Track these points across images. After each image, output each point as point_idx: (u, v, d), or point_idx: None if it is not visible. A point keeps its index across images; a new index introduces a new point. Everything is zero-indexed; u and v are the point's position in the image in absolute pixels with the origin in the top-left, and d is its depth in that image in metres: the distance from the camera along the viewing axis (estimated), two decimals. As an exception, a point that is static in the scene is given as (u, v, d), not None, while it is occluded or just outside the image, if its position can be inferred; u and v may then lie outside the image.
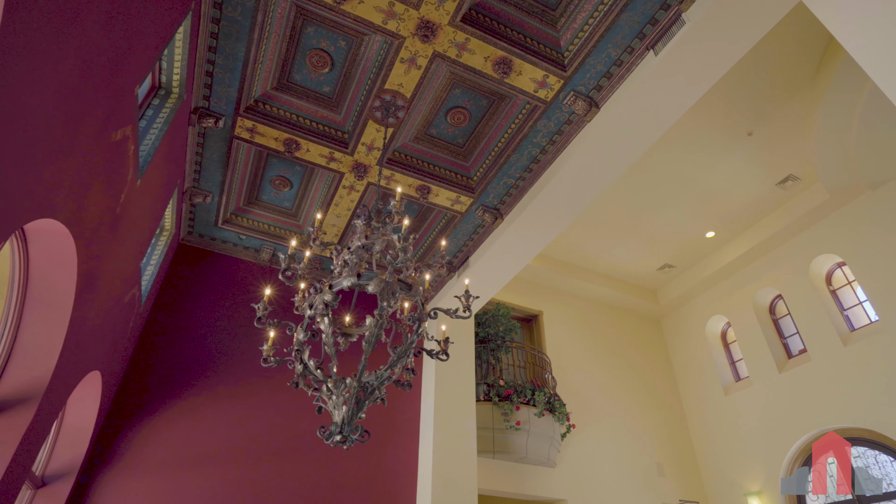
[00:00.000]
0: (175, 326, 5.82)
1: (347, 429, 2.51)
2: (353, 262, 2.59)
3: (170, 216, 5.63)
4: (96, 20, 2.16)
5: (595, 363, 9.21)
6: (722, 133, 6.97)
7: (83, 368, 3.82)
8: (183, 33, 3.75)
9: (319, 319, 2.60)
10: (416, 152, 5.16)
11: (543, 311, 9.32)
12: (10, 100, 1.68)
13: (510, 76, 4.35)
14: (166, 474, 5.08)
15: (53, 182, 2.27)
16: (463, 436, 6.02)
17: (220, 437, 5.39)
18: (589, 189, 5.13)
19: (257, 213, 6.06)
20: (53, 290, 2.94)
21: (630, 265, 9.65)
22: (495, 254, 5.88)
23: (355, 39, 4.19)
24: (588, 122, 4.62)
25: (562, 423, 7.36)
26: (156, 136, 3.97)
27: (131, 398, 5.28)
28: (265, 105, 4.72)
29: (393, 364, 2.65)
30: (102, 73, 2.45)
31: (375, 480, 5.73)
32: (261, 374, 5.76)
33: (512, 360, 8.22)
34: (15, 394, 2.98)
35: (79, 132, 2.38)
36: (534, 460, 7.08)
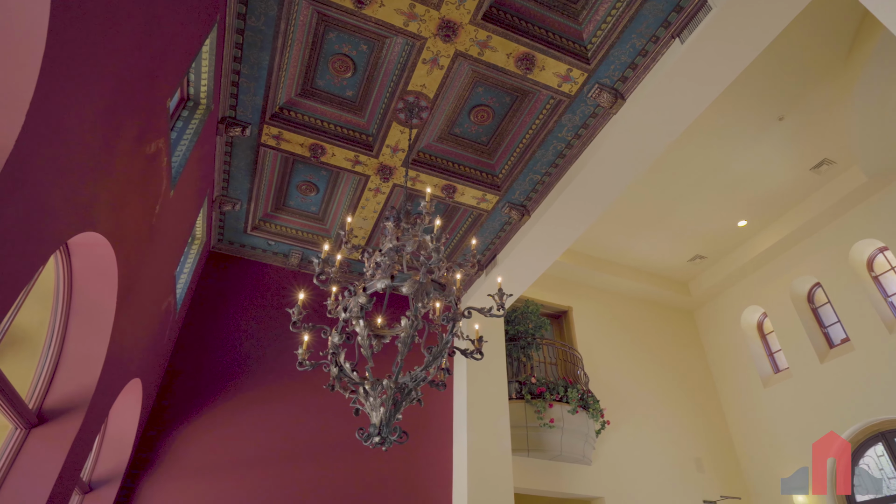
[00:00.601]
0: (209, 333, 5.94)
1: (386, 430, 2.52)
2: (385, 263, 2.60)
3: (201, 225, 5.74)
4: (130, 38, 2.21)
5: (627, 358, 9.08)
6: (751, 119, 6.79)
7: (125, 376, 3.92)
8: (209, 45, 3.81)
9: (355, 322, 2.62)
10: (440, 152, 5.16)
11: (573, 306, 9.23)
12: (54, 119, 1.72)
13: (533, 72, 4.32)
14: (206, 478, 5.18)
15: (94, 196, 2.33)
16: (497, 434, 5.99)
17: (256, 440, 5.48)
18: (616, 182, 5.05)
19: (285, 219, 6.14)
20: (96, 301, 3.02)
21: (660, 257, 9.49)
22: (523, 251, 5.84)
23: (377, 42, 4.21)
24: (614, 114, 4.55)
25: (596, 419, 7.28)
26: (186, 147, 4.05)
27: (170, 404, 5.40)
28: (290, 112, 4.78)
29: (428, 364, 2.65)
30: (136, 89, 2.51)
31: (410, 480, 5.75)
32: (294, 377, 5.83)
33: (543, 357, 8.15)
34: (63, 403, 3.07)
35: (116, 147, 2.44)
36: (569, 458, 7.01)
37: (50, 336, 3.03)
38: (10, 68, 1.54)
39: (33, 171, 1.70)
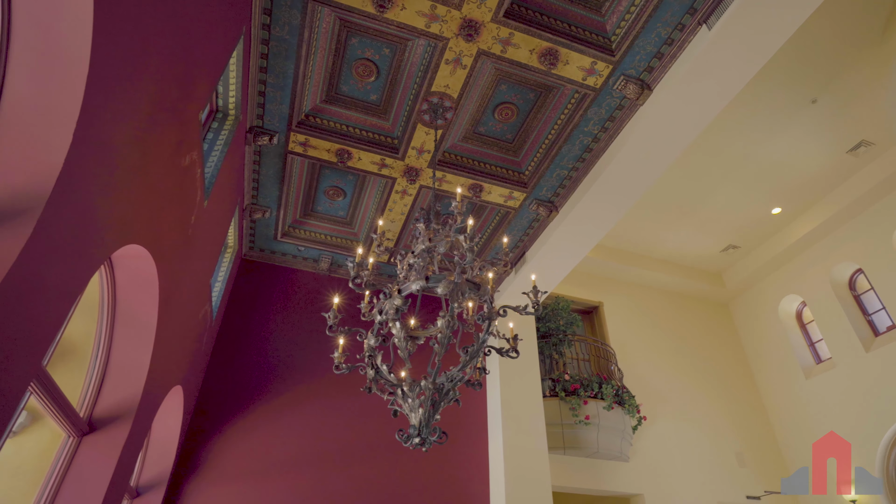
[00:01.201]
0: (244, 339, 6.05)
1: (426, 431, 2.53)
2: (419, 265, 2.61)
3: (232, 233, 5.86)
4: (164, 56, 2.27)
5: (662, 352, 8.93)
6: (782, 103, 6.61)
7: (168, 384, 4.02)
8: (236, 57, 3.89)
9: (391, 324, 2.64)
10: (466, 151, 5.16)
11: (604, 302, 9.12)
12: (98, 136, 1.78)
13: (557, 67, 4.28)
14: (246, 481, 5.28)
15: (135, 209, 2.40)
16: (532, 433, 5.96)
17: (293, 443, 5.56)
18: (646, 174, 4.98)
19: (314, 224, 6.22)
20: (139, 311, 3.10)
21: (691, 249, 9.31)
22: (552, 247, 5.80)
23: (399, 46, 4.23)
24: (641, 105, 4.49)
25: (632, 415, 7.18)
26: (217, 158, 4.13)
27: (210, 410, 5.52)
28: (316, 118, 4.84)
29: (465, 364, 2.65)
30: (171, 104, 2.58)
31: (447, 480, 5.76)
32: (329, 380, 5.90)
33: (575, 353, 8.08)
34: (111, 411, 3.17)
35: (154, 160, 2.51)
36: (606, 455, 6.93)
37: (97, 346, 3.13)
38: (58, 90, 1.59)
39: (81, 187, 1.76)
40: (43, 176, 1.57)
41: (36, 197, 1.55)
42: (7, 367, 1.57)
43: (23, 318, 1.60)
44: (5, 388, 1.60)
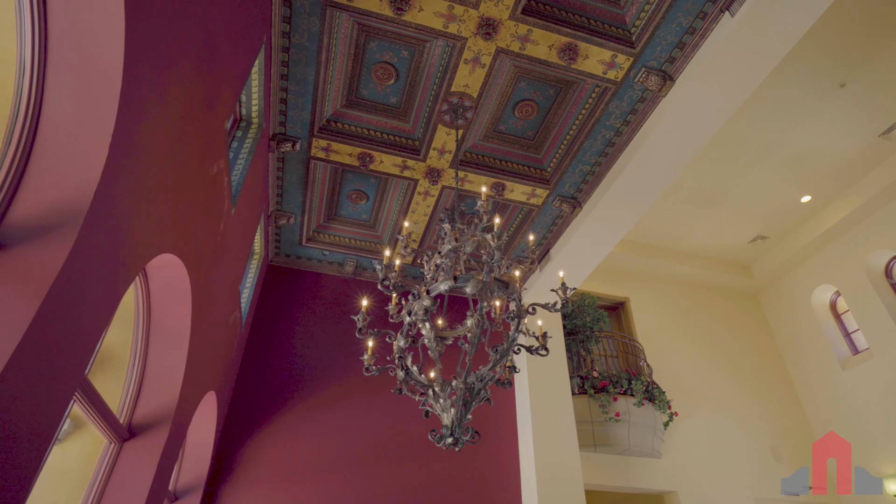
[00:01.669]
0: (273, 344, 6.13)
1: (458, 431, 2.53)
2: (447, 265, 2.62)
3: (259, 240, 5.94)
4: (190, 67, 2.31)
5: (691, 346, 8.79)
6: (809, 88, 6.45)
7: (202, 389, 4.09)
8: (258, 66, 3.94)
9: (420, 325, 2.64)
10: (487, 150, 5.14)
11: (630, 297, 9.02)
12: (132, 150, 1.82)
13: (577, 61, 4.25)
14: (280, 484, 5.34)
15: (167, 219, 2.45)
16: (562, 430, 5.92)
17: (325, 445, 5.61)
18: (670, 166, 4.90)
19: (338, 228, 6.27)
20: (173, 319, 3.17)
21: (718, 241, 9.14)
22: (577, 243, 5.75)
23: (417, 47, 4.24)
24: (663, 96, 4.42)
25: (663, 411, 7.07)
26: (243, 166, 4.20)
27: (242, 415, 5.61)
28: (337, 123, 4.88)
29: (496, 363, 2.65)
30: (197, 114, 2.63)
31: (478, 479, 5.75)
32: (359, 382, 5.94)
33: (603, 350, 8.00)
34: (149, 417, 3.24)
35: (183, 171, 2.56)
36: (638, 452, 6.84)
37: (133, 354, 3.20)
38: (93, 106, 1.63)
39: (117, 199, 1.80)
40: (81, 189, 1.62)
41: (76, 210, 1.59)
42: (54, 377, 1.62)
43: (67, 328, 1.64)
44: (53, 396, 1.64)
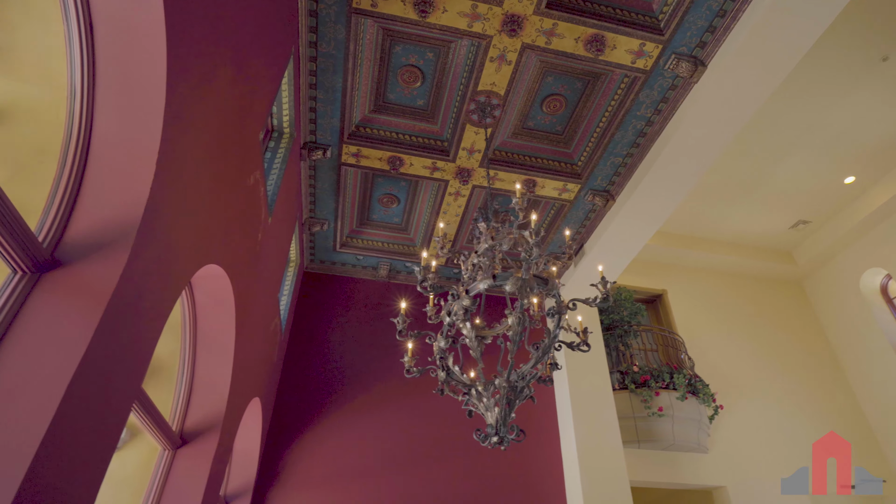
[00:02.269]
0: (312, 349, 6.23)
1: (503, 429, 2.53)
2: (485, 264, 2.61)
3: (294, 247, 6.05)
4: (226, 82, 2.37)
5: (734, 337, 8.55)
6: (849, 63, 6.20)
7: (247, 396, 4.19)
8: (287, 77, 4.02)
9: (461, 325, 2.65)
10: (516, 148, 5.12)
11: (667, 289, 8.83)
12: (175, 165, 1.88)
13: (604, 52, 4.19)
14: (325, 487, 5.42)
15: (209, 230, 2.51)
16: (604, 427, 5.84)
17: (368, 448, 5.67)
18: (705, 154, 4.78)
19: (370, 233, 6.34)
20: (218, 328, 3.25)
21: (757, 227, 8.86)
22: (611, 237, 5.67)
23: (442, 48, 4.25)
24: (695, 83, 4.32)
25: (707, 404, 6.91)
26: (276, 175, 4.28)
27: (285, 420, 5.71)
28: (366, 129, 4.93)
29: (537, 360, 2.63)
30: (234, 127, 2.69)
31: (522, 478, 5.72)
32: (398, 384, 5.99)
33: (642, 344, 7.85)
34: (200, 424, 3.33)
35: (223, 183, 2.62)
36: (683, 447, 6.69)
37: (182, 364, 3.30)
38: (139, 126, 1.69)
39: (165, 213, 1.86)
40: (132, 206, 1.67)
41: (128, 226, 1.65)
42: (115, 388, 1.68)
43: (124, 340, 1.70)
44: (114, 406, 1.71)
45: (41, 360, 1.38)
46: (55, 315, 1.46)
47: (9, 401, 1.30)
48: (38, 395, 1.33)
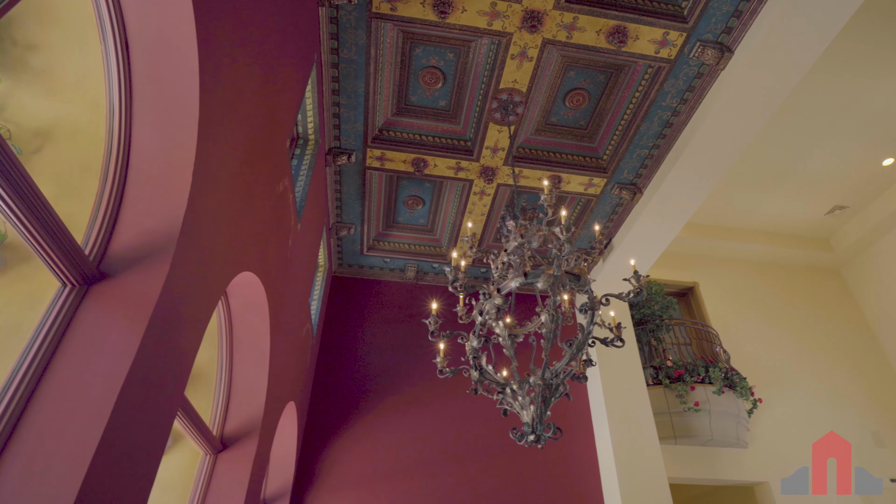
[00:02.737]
0: (343, 352, 6.29)
1: (540, 427, 2.52)
2: (516, 262, 2.61)
3: (322, 252, 6.12)
4: (254, 93, 2.42)
5: (771, 329, 8.34)
6: (882, 42, 5.98)
7: (283, 400, 4.25)
8: (311, 84, 4.07)
9: (493, 324, 2.65)
10: (540, 144, 5.09)
11: (699, 281, 8.67)
12: (210, 175, 1.92)
13: (627, 44, 4.13)
14: (362, 488, 5.47)
15: (243, 238, 2.56)
16: (640, 423, 5.75)
17: (402, 449, 5.70)
18: (734, 142, 4.68)
19: (396, 235, 6.37)
20: (253, 334, 3.32)
21: (791, 215, 8.63)
22: (640, 230, 5.59)
23: (462, 48, 4.26)
24: (722, 70, 4.23)
25: (746, 398, 6.75)
26: (304, 182, 4.34)
27: (319, 423, 5.78)
28: (389, 132, 4.96)
29: (571, 357, 2.61)
30: (262, 136, 2.74)
31: (557, 476, 5.68)
32: (431, 384, 6.01)
33: (675, 338, 7.71)
34: (239, 429, 3.40)
35: (254, 191, 2.67)
36: (721, 442, 6.56)
37: (220, 370, 3.37)
38: (175, 138, 1.74)
39: (202, 223, 1.91)
40: (171, 217, 1.72)
41: (168, 237, 1.69)
42: (161, 395, 1.73)
43: (168, 349, 1.75)
44: (161, 413, 1.76)
45: (93, 369, 1.42)
46: (104, 326, 1.50)
47: (65, 409, 1.35)
48: (91, 403, 1.37)
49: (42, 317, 1.47)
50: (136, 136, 1.73)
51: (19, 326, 1.58)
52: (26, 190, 1.31)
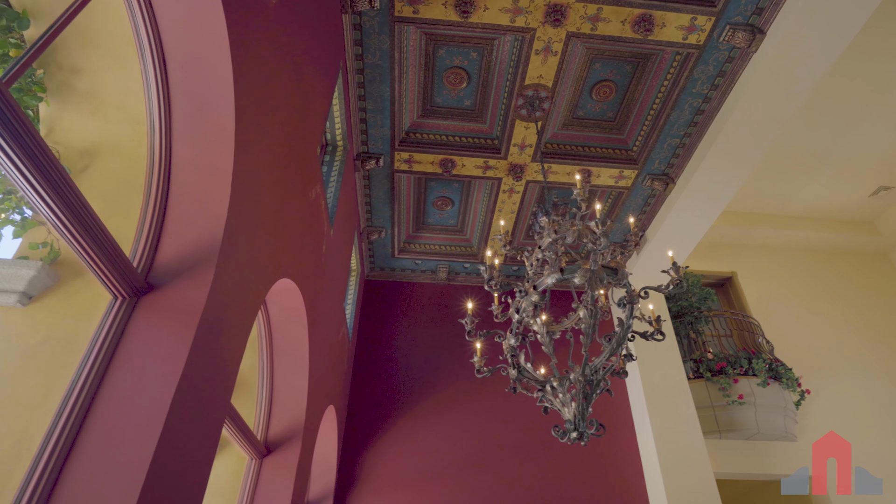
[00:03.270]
0: (379, 355, 6.35)
1: (582, 424, 2.49)
2: (551, 258, 2.59)
3: (354, 257, 6.19)
4: (286, 104, 2.46)
5: (816, 317, 8.05)
6: (925, 15, 5.73)
7: (323, 404, 4.32)
8: (337, 91, 4.12)
9: (531, 321, 2.63)
10: (568, 139, 5.04)
11: (737, 271, 8.43)
12: (247, 185, 1.97)
13: (653, 32, 4.06)
14: (402, 489, 5.50)
15: (280, 245, 2.61)
16: (682, 418, 5.64)
17: (441, 449, 5.71)
18: (769, 127, 4.54)
19: (427, 237, 6.40)
20: (292, 339, 3.37)
21: (833, 198, 8.32)
22: (674, 221, 5.48)
23: (486, 47, 4.25)
24: (754, 52, 4.12)
25: (792, 389, 6.53)
26: (334, 188, 4.40)
27: (359, 426, 5.84)
28: (416, 134, 4.98)
29: (612, 352, 2.58)
30: (294, 145, 2.79)
31: (598, 474, 5.61)
32: (467, 384, 6.01)
33: (714, 330, 7.53)
34: (282, 434, 3.46)
35: (289, 199, 2.72)
36: (768, 435, 6.36)
37: (261, 376, 3.44)
38: (213, 150, 1.78)
39: (242, 232, 1.95)
40: (213, 227, 1.77)
41: (211, 246, 1.74)
42: (210, 402, 1.77)
43: (215, 356, 1.80)
44: (210, 420, 1.80)
45: (147, 376, 1.47)
46: (155, 335, 1.55)
47: (123, 415, 1.40)
48: (147, 409, 1.42)
49: (97, 328, 1.52)
50: (176, 151, 1.78)
51: (75, 338, 1.65)
52: (80, 208, 1.36)
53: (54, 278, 1.73)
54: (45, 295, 1.70)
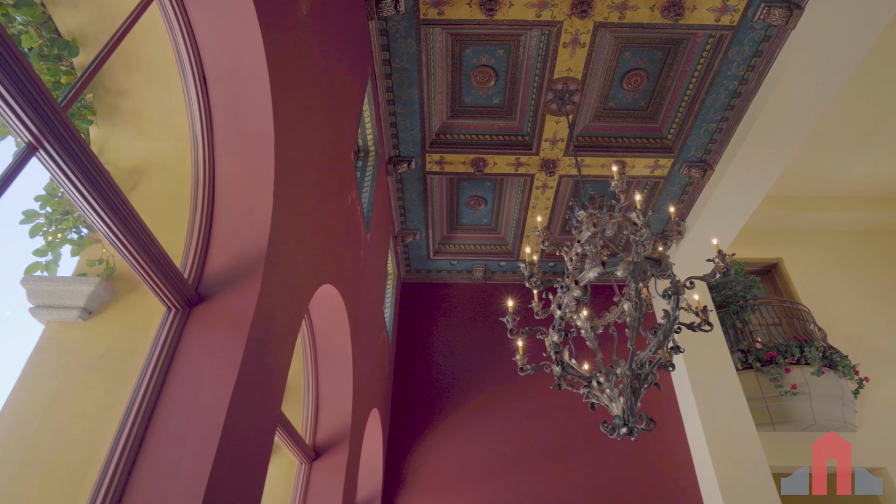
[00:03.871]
0: (420, 357, 6.38)
1: (632, 420, 2.44)
2: (591, 252, 2.55)
3: (390, 260, 6.24)
4: (320, 113, 2.50)
5: (871, 302, 7.68)
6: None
7: (367, 408, 4.36)
8: (368, 97, 4.17)
9: (574, 316, 2.60)
10: (600, 131, 4.96)
11: (783, 257, 8.13)
12: (288, 194, 2.01)
13: (684, 16, 3.96)
14: (448, 489, 5.51)
15: (321, 252, 2.66)
16: (732, 410, 5.47)
17: (486, 448, 5.70)
18: (811, 106, 4.37)
19: (461, 237, 6.40)
20: (336, 344, 3.43)
21: (883, 175, 7.93)
22: (714, 208, 5.33)
23: (512, 43, 4.22)
24: (791, 29, 3.97)
25: (850, 377, 6.26)
26: (369, 192, 4.45)
27: (403, 428, 5.88)
28: (446, 135, 4.99)
29: (659, 345, 2.53)
30: (330, 152, 2.83)
31: (648, 470, 5.50)
32: (510, 383, 5.98)
33: (761, 318, 7.28)
34: (329, 438, 3.52)
35: (327, 205, 2.76)
36: (825, 426, 6.10)
37: (307, 381, 3.51)
38: (255, 162, 1.83)
39: (285, 240, 1.99)
40: (258, 237, 1.81)
41: (256, 256, 1.78)
42: (262, 408, 1.82)
43: (265, 364, 1.84)
44: (263, 426, 1.84)
45: (203, 386, 1.52)
46: (208, 345, 1.60)
47: (183, 421, 1.45)
48: (205, 415, 1.46)
49: (154, 339, 1.58)
50: (219, 165, 1.83)
51: (134, 350, 1.71)
52: (134, 224, 1.41)
53: (111, 293, 1.80)
54: (103, 309, 1.77)
